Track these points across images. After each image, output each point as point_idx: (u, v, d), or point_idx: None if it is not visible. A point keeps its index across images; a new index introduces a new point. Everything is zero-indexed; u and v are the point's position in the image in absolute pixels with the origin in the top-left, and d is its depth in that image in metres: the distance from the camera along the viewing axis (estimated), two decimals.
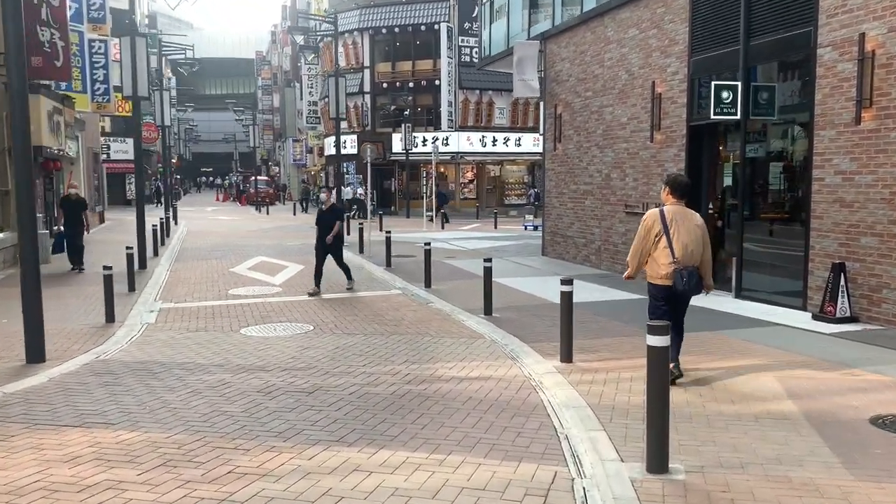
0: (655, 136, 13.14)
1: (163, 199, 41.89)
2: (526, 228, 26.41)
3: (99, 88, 23.72)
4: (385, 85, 39.44)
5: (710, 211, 12.29)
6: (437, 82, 37.16)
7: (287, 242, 21.74)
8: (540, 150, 40.47)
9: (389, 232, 16.27)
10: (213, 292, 12.53)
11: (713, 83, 11.03)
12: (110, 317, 9.91)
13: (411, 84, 38.60)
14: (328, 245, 12.46)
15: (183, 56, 48.46)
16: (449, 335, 8.78)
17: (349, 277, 12.85)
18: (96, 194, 28.67)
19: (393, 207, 39.22)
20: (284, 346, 8.21)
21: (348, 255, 17.46)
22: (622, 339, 8.35)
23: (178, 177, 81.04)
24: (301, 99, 49.08)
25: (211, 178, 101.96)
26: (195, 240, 23.03)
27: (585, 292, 11.48)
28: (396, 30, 38.88)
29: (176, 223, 29.74)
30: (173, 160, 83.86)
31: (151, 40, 52.93)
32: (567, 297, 7.25)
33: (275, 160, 76.84)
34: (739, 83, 10.93)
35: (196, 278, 14.30)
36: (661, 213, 6.20)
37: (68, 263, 15.33)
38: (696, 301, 6.65)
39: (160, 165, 63.93)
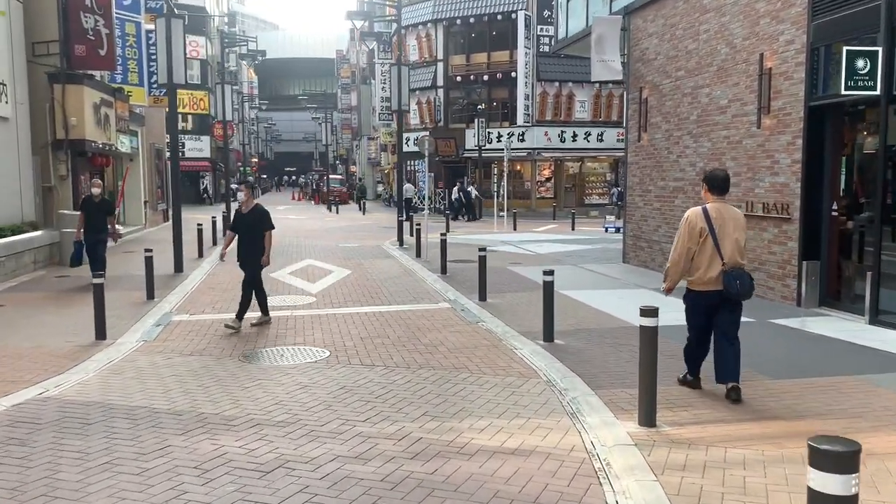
0: (764, 121, 10.75)
1: (209, 198, 41.75)
2: (607, 231, 24.05)
3: (157, 81, 22.73)
4: (459, 78, 37.61)
5: (835, 212, 9.84)
6: (513, 74, 35.05)
7: (343, 244, 20.20)
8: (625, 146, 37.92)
9: (444, 234, 14.37)
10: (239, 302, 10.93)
11: (845, 49, 8.63)
12: (100, 333, 8.40)
13: (486, 77, 36.63)
14: (247, 259, 9.18)
15: (247, 49, 47.87)
16: (493, 370, 6.80)
17: (262, 309, 9.39)
18: (159, 192, 27.94)
19: (464, 208, 37.29)
20: (279, 382, 6.42)
21: (403, 261, 15.74)
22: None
23: (256, 176, 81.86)
24: (375, 96, 47.89)
25: (293, 178, 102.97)
26: None
27: (676, 312, 9.26)
28: (472, 20, 36.99)
29: None
30: (254, 159, 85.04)
31: (229, 38, 53.04)
32: (649, 337, 5.14)
33: (353, 159, 76.45)
34: (880, 48, 8.49)
35: (229, 284, 12.78)
36: (705, 211, 5.79)
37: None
38: (819, 328, 4.47)
39: (239, 164, 64.35)
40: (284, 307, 10.52)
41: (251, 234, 9.19)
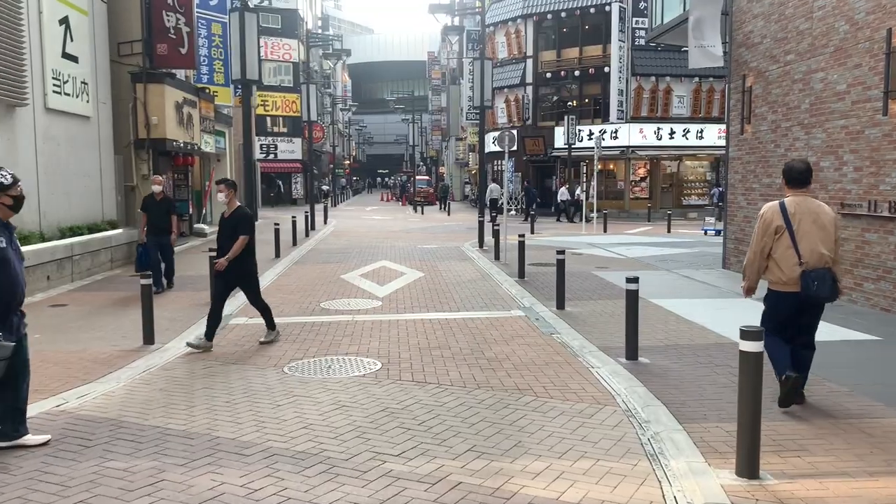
0: (891, 107, 9.27)
1: (300, 199, 41.86)
2: (706, 233, 22.41)
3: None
4: (549, 75, 36.38)
5: None
6: (606, 69, 33.55)
7: (422, 245, 19.52)
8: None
9: (523, 235, 13.39)
10: (302, 305, 10.39)
11: None
12: (148, 338, 7.94)
13: (577, 72, 35.25)
14: (226, 272, 7.71)
15: (331, 48, 48.08)
16: (562, 394, 5.83)
17: (268, 325, 8.15)
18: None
19: (554, 208, 36.05)
20: (316, 400, 5.68)
21: (481, 264, 14.88)
22: (862, 426, 4.98)
23: (348, 178, 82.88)
24: (463, 95, 47.23)
25: (385, 179, 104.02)
26: (332, 240, 21.46)
27: None
28: (563, 14, 35.69)
29: (325, 222, 28.65)
30: (346, 161, 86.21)
31: (314, 38, 53.60)
32: (753, 365, 4.07)
33: (442, 160, 76.25)
34: None
35: (297, 286, 12.30)
36: (782, 206, 5.37)
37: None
38: None
39: (331, 166, 65.14)
40: (347, 311, 9.86)
41: (232, 242, 7.69)
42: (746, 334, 4.08)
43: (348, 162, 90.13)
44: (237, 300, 10.85)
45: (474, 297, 10.90)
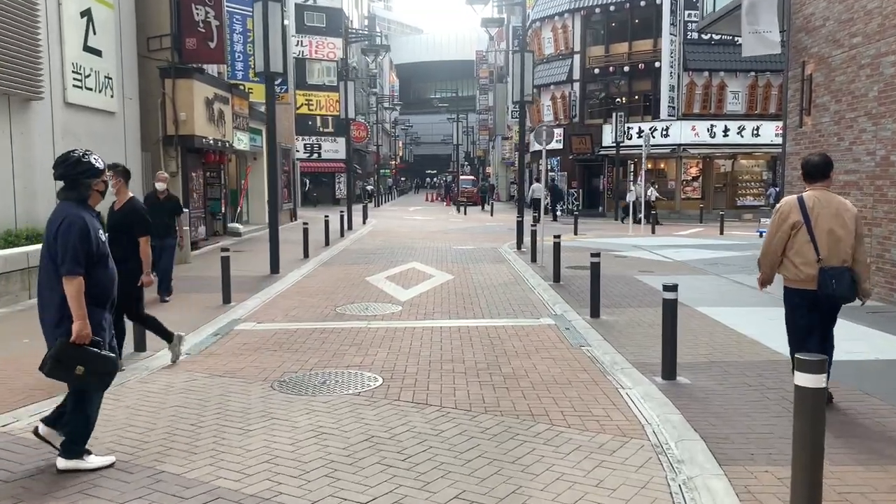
0: None
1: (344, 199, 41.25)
2: (761, 235, 21.05)
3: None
4: (597, 71, 35.18)
5: None
6: (657, 64, 32.22)
7: (458, 246, 18.74)
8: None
9: (559, 236, 12.47)
10: (318, 310, 9.70)
11: None
12: (140, 345, 7.33)
13: (626, 68, 33.97)
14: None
15: (368, 43, 47.64)
16: (582, 421, 4.97)
17: (163, 337, 6.80)
18: (285, 192, 27.71)
19: (601, 208, 34.88)
20: (295, 424, 4.94)
21: (517, 266, 13.99)
22: None
23: (395, 178, 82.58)
24: (510, 94, 46.29)
25: (434, 180, 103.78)
26: (367, 240, 20.86)
27: (851, 343, 6.98)
28: (612, 8, 34.44)
29: (364, 222, 28.11)
30: (392, 161, 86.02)
31: (362, 37, 53.28)
32: (812, 403, 3.16)
33: (489, 160, 75.41)
34: None
35: (318, 288, 11.66)
36: (800, 200, 5.15)
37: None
38: None
39: (376, 165, 64.89)
40: (362, 317, 9.14)
41: (122, 242, 6.45)
42: (804, 364, 3.17)
43: (395, 162, 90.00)
44: (257, 300, 10.25)
45: (502, 303, 10.07)
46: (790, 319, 5.25)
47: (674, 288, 6.30)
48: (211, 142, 17.54)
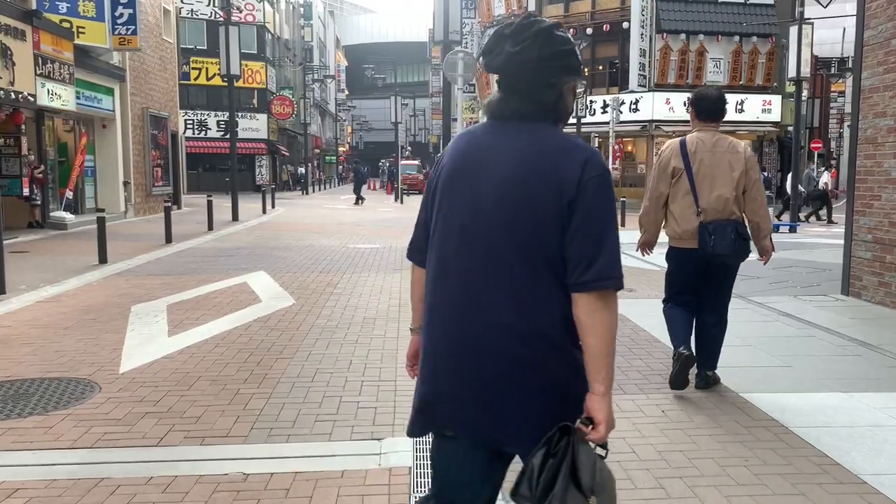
0: None
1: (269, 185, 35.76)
2: (776, 230, 16.13)
3: (122, 15, 16.52)
4: None
5: None
6: (625, 25, 27.19)
7: (359, 245, 13.43)
8: (773, 117, 29.07)
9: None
10: None
11: None
12: None
13: (589, 30, 28.78)
14: None
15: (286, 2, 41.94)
16: None
17: None
18: (158, 172, 21.72)
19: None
20: None
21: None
22: None
23: (344, 165, 76.74)
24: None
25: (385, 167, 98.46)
26: (243, 234, 15.37)
27: None
28: None
29: (264, 211, 22.50)
30: (341, 147, 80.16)
31: (305, 10, 47.45)
32: None
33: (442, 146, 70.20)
34: None
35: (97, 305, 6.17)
36: (682, 143, 4.33)
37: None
38: None
39: (317, 150, 58.97)
40: None
41: None
42: None
43: (343, 148, 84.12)
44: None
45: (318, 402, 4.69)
46: (669, 282, 4.51)
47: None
48: None
